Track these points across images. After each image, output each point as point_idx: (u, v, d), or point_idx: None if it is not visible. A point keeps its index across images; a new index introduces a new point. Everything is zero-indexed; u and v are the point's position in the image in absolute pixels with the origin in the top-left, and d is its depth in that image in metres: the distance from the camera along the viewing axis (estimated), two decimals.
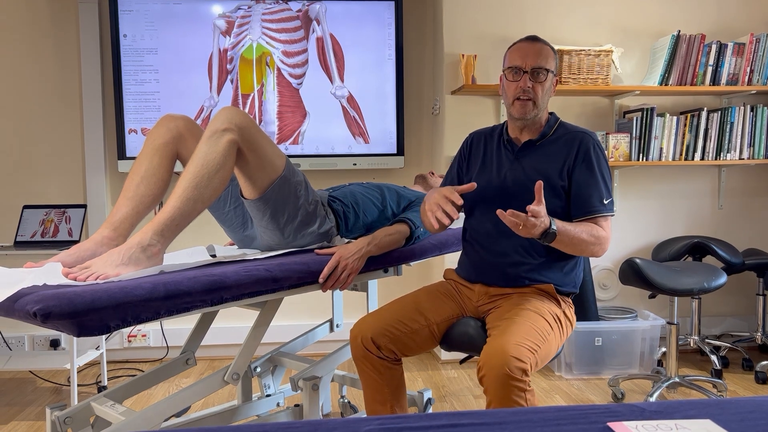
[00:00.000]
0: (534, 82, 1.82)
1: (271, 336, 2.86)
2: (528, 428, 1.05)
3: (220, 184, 1.67)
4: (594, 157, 1.83)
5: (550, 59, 1.84)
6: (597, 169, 1.83)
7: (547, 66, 1.83)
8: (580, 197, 1.81)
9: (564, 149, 1.85)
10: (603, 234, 1.77)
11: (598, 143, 1.86)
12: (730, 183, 3.62)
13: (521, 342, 1.59)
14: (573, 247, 1.74)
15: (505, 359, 1.53)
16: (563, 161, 1.83)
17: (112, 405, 1.70)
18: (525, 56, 1.82)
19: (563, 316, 1.81)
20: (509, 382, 1.51)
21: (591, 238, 1.74)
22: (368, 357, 1.83)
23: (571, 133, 1.88)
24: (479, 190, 1.91)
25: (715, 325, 3.66)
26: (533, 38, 1.87)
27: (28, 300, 1.28)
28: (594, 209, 1.80)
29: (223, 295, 1.54)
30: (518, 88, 1.83)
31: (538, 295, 1.82)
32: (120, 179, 3.47)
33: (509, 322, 1.68)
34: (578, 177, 1.82)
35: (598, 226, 1.78)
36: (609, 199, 1.82)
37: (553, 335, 1.73)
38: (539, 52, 1.83)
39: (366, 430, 1.04)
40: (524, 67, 1.82)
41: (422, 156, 3.67)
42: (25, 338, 3.46)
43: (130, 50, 3.35)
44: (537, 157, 1.87)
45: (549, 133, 1.89)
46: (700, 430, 1.03)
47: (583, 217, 1.80)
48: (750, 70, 3.36)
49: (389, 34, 3.47)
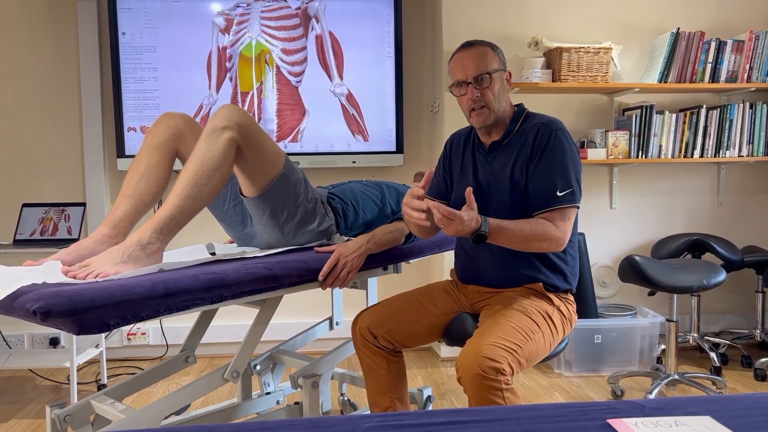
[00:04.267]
0: (480, 89, 1.78)
1: (271, 334, 2.86)
2: (528, 425, 1.05)
3: (220, 182, 1.67)
4: (549, 148, 1.75)
5: (490, 60, 1.79)
6: (552, 160, 1.74)
7: (488, 70, 1.78)
8: (534, 192, 1.75)
9: (525, 144, 1.80)
10: (552, 230, 1.68)
11: (558, 131, 1.77)
12: (730, 180, 3.62)
13: (497, 342, 1.59)
14: (516, 245, 1.69)
15: (478, 359, 1.53)
16: (524, 157, 1.79)
17: (111, 403, 1.70)
18: (464, 67, 1.79)
19: (557, 313, 1.80)
20: (483, 381, 1.52)
21: (536, 234, 1.67)
22: (368, 346, 1.87)
23: (531, 126, 1.82)
24: (460, 194, 1.91)
25: (714, 323, 3.67)
26: (468, 44, 1.82)
27: (27, 298, 1.28)
28: (546, 203, 1.73)
29: (223, 293, 1.54)
30: (468, 100, 1.80)
31: (527, 294, 1.82)
32: (119, 177, 3.47)
33: (491, 322, 1.68)
34: (533, 170, 1.76)
35: (549, 222, 1.71)
36: (566, 191, 1.72)
37: (540, 333, 1.72)
38: (476, 57, 1.78)
39: (366, 428, 1.04)
40: (466, 79, 1.78)
41: (421, 154, 3.67)
42: (25, 336, 3.46)
43: (129, 48, 3.35)
44: (503, 157, 1.83)
45: (514, 130, 1.85)
46: (700, 426, 1.03)
47: (539, 212, 1.74)
48: (749, 68, 3.35)
49: (388, 31, 3.47)
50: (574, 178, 1.75)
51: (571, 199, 1.73)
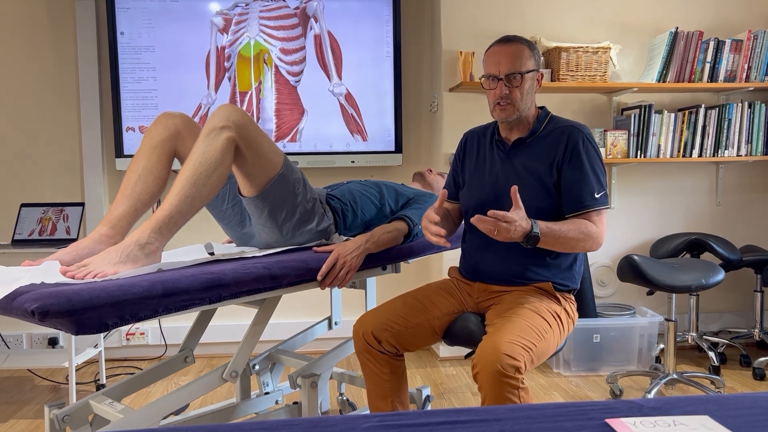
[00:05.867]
0: (510, 87, 1.79)
1: (270, 333, 2.86)
2: (526, 425, 1.05)
3: (218, 182, 1.67)
4: (583, 151, 1.79)
5: (525, 60, 1.80)
6: (587, 163, 1.79)
7: (522, 69, 1.79)
8: (570, 193, 1.79)
9: (553, 145, 1.82)
10: (594, 230, 1.74)
11: (587, 136, 1.82)
12: (728, 180, 3.62)
13: (515, 340, 1.59)
14: (562, 246, 1.72)
15: (498, 357, 1.53)
16: (553, 158, 1.81)
17: (110, 403, 1.70)
18: (498, 63, 1.80)
19: (564, 312, 1.81)
20: (502, 379, 1.52)
21: (580, 235, 1.72)
22: (370, 351, 1.85)
23: (560, 128, 1.84)
24: (474, 191, 1.91)
25: (712, 322, 3.67)
26: (506, 39, 1.83)
27: (25, 298, 1.28)
28: (585, 205, 1.77)
29: (222, 292, 1.54)
30: (495, 95, 1.81)
31: (537, 293, 1.82)
32: (118, 177, 3.47)
33: (506, 320, 1.68)
34: (568, 173, 1.79)
35: (590, 222, 1.75)
36: (601, 193, 1.78)
37: (552, 333, 1.73)
38: (512, 55, 1.79)
39: (365, 427, 1.04)
40: (498, 75, 1.79)
41: (420, 153, 3.67)
42: (24, 336, 3.46)
43: (128, 48, 3.34)
44: (527, 155, 1.85)
45: (539, 130, 1.87)
46: (698, 426, 1.04)
47: (575, 213, 1.78)
48: (748, 67, 3.36)
49: (387, 31, 3.47)
50: (604, 182, 1.82)
51: (606, 202, 1.80)
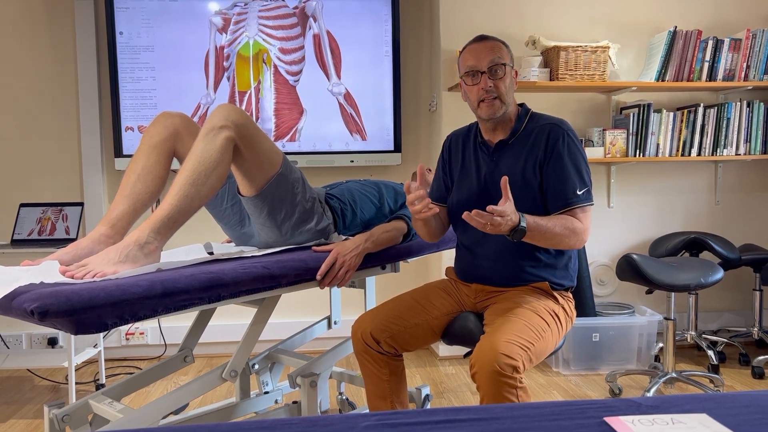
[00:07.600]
0: (494, 79, 1.79)
1: (269, 333, 2.86)
2: (525, 423, 1.05)
3: (217, 182, 1.67)
4: (564, 149, 1.79)
5: (504, 53, 1.81)
6: (568, 161, 1.78)
7: (503, 61, 1.80)
8: (554, 191, 1.78)
9: (535, 145, 1.82)
10: (579, 226, 1.74)
11: (568, 132, 1.81)
12: (727, 178, 3.63)
13: (513, 339, 1.59)
14: (547, 241, 1.72)
15: (496, 356, 1.54)
16: (535, 158, 1.81)
17: (110, 403, 1.70)
18: (478, 57, 1.80)
19: (562, 311, 1.82)
20: (499, 379, 1.53)
21: (565, 231, 1.71)
22: (369, 352, 1.85)
23: (541, 126, 1.84)
24: (462, 195, 1.91)
25: (711, 321, 3.68)
26: (482, 37, 1.84)
27: (25, 298, 1.28)
28: (568, 202, 1.77)
29: (221, 292, 1.54)
30: (480, 90, 1.80)
31: (534, 292, 1.82)
32: (117, 177, 3.47)
33: (504, 320, 1.69)
34: (550, 170, 1.79)
35: (575, 218, 1.75)
36: (584, 189, 1.78)
37: (550, 332, 1.73)
38: (492, 48, 1.80)
39: (364, 426, 1.04)
40: (480, 68, 1.79)
41: (419, 153, 3.67)
42: (23, 336, 3.46)
43: (127, 48, 3.34)
44: (511, 157, 1.84)
45: (520, 129, 1.86)
46: (696, 424, 1.04)
47: (560, 211, 1.78)
48: (746, 66, 3.36)
49: (386, 30, 3.47)
50: (587, 177, 1.81)
51: (589, 198, 1.79)
